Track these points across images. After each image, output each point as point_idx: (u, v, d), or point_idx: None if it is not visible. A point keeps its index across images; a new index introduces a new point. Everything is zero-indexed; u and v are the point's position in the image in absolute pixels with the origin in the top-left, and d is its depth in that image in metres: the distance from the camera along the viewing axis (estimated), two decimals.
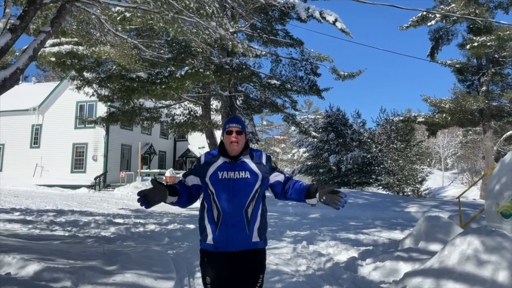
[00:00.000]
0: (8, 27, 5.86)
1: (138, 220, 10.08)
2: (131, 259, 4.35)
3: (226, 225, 2.18)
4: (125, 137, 25.32)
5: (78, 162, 24.15)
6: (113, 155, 24.31)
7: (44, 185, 21.32)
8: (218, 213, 2.19)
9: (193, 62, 10.51)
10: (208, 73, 10.93)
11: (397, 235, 9.08)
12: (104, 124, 18.74)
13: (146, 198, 2.03)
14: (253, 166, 2.29)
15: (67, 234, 6.73)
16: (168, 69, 11.87)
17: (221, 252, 2.18)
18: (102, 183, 22.92)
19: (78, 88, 14.51)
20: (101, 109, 21.28)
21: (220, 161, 2.28)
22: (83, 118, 18.10)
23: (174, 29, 8.38)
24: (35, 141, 24.96)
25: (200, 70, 11.03)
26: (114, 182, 23.39)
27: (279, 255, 5.70)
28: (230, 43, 7.44)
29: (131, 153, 26.06)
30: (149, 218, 11.13)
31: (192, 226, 9.23)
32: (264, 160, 2.35)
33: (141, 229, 8.53)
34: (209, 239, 2.21)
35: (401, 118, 23.60)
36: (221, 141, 2.35)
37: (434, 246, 4.39)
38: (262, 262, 2.29)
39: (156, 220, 10.53)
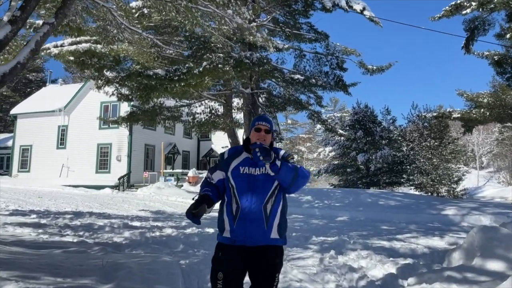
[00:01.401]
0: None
1: (155, 224, 9.63)
2: (132, 274, 3.79)
3: (244, 219, 2.20)
4: (149, 137, 25.24)
5: (103, 162, 24.26)
6: (137, 155, 24.26)
7: (69, 186, 21.48)
8: (237, 207, 2.23)
9: (211, 56, 9.95)
10: (227, 68, 10.35)
11: (436, 242, 8.17)
12: (127, 124, 18.61)
13: (195, 218, 2.18)
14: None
15: (75, 240, 6.30)
16: (187, 65, 11.40)
17: (238, 246, 2.19)
18: (126, 183, 22.88)
19: (99, 87, 14.31)
20: (125, 109, 21.18)
21: (243, 156, 2.34)
22: (105, 118, 17.98)
23: (189, 20, 7.86)
24: (61, 142, 25.29)
25: (219, 65, 10.47)
26: (138, 182, 23.32)
27: (304, 268, 5.01)
28: (248, 33, 6.80)
29: (154, 153, 25.97)
30: (168, 221, 10.68)
31: (211, 230, 8.68)
32: (281, 156, 2.37)
33: (157, 233, 8.05)
34: (227, 232, 2.24)
35: (435, 114, 22.18)
36: (247, 137, 2.41)
37: (495, 265, 3.59)
38: (279, 260, 2.29)
39: (174, 223, 10.06)
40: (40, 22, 11.08)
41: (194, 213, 2.15)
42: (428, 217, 12.78)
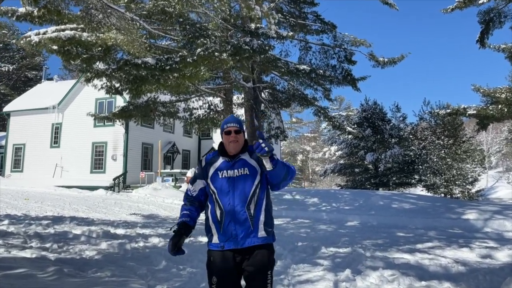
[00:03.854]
0: None
1: (142, 231, 8.51)
2: None
3: (229, 223, 2.22)
4: (146, 136, 24.12)
5: (98, 162, 23.14)
6: (133, 155, 23.15)
7: (63, 186, 20.44)
8: (221, 212, 2.24)
9: (205, 42, 8.82)
10: (224, 56, 9.18)
11: (466, 254, 6.97)
12: (122, 121, 17.48)
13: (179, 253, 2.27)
14: (252, 161, 2.32)
15: (34, 256, 5.17)
16: (180, 53, 10.26)
17: (228, 251, 2.21)
18: (122, 184, 21.77)
19: (87, 80, 13.22)
20: (121, 105, 20.09)
21: (220, 160, 2.34)
22: (96, 114, 16.88)
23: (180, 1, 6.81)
24: (55, 140, 24.22)
25: (216, 53, 9.31)
26: (134, 183, 22.21)
27: None
28: (244, 5, 5.66)
29: (152, 152, 24.85)
30: (158, 227, 9.57)
31: (204, 240, 7.53)
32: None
33: (141, 244, 6.93)
34: (215, 238, 2.26)
35: (448, 111, 20.88)
36: (221, 142, 2.40)
37: None
38: (270, 258, 2.27)
39: (164, 230, 8.96)
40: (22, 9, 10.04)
41: (177, 250, 2.22)
42: (447, 222, 11.57)
